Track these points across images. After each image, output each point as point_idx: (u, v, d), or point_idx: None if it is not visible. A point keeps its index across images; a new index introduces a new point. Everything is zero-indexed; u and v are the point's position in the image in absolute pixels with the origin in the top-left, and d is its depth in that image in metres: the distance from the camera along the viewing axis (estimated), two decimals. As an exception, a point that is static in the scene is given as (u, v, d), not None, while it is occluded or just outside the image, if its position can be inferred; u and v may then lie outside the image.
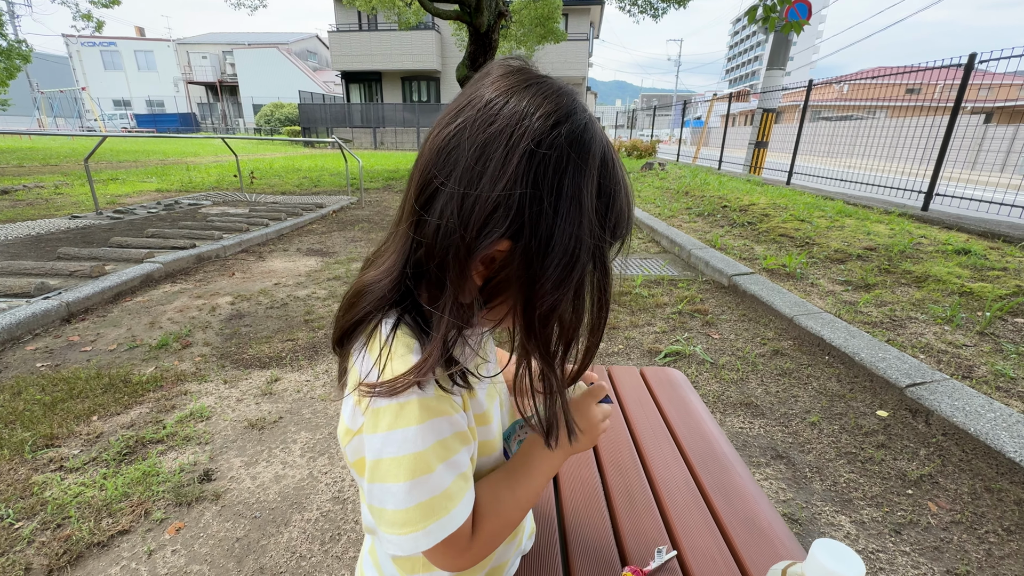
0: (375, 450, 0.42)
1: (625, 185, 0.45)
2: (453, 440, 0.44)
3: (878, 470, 1.58)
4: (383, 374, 0.41)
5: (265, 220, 5.24)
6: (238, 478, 1.55)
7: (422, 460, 0.41)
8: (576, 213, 0.40)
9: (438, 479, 0.42)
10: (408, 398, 0.41)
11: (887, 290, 2.94)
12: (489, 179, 0.38)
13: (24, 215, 5.36)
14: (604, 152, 0.42)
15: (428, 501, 0.42)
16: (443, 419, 0.43)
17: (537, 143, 0.38)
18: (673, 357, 2.35)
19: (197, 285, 3.34)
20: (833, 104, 18.73)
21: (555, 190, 0.39)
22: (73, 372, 2.13)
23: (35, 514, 1.37)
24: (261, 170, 10.44)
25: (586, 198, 0.40)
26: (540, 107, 0.39)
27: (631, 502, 0.81)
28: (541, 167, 0.38)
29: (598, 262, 0.43)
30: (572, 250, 0.40)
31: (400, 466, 0.41)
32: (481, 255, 0.40)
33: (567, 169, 0.39)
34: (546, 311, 0.42)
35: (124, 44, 36.05)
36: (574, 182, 0.39)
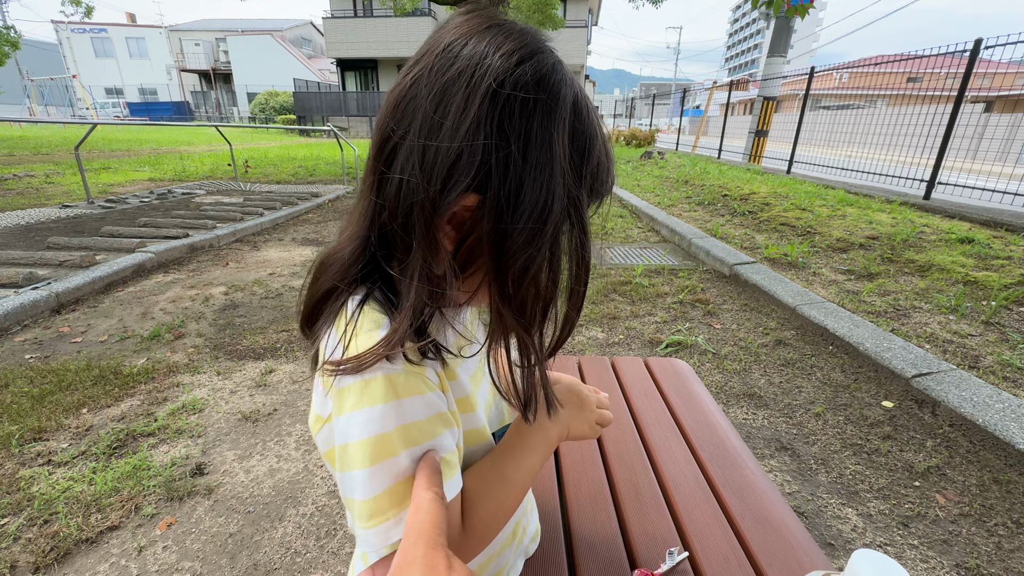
0: (341, 434, 0.38)
1: (603, 137, 0.41)
2: (431, 422, 0.40)
3: (884, 462, 1.55)
4: (347, 351, 0.37)
5: (260, 209, 5.17)
6: (231, 472, 1.51)
7: (388, 442, 0.37)
8: (547, 161, 0.36)
9: (409, 463, 0.38)
10: (374, 374, 0.37)
11: (890, 279, 2.90)
12: (450, 126, 0.34)
13: (14, 204, 5.26)
14: (576, 96, 0.38)
15: (397, 486, 0.37)
16: (415, 398, 0.39)
17: (500, 83, 0.34)
18: (675, 347, 2.31)
19: (190, 275, 3.28)
20: (833, 93, 18.59)
21: (523, 135, 0.35)
22: (62, 364, 2.08)
23: (22, 510, 1.33)
24: (256, 159, 10.30)
25: (557, 145, 0.36)
26: (502, 46, 0.36)
27: (639, 500, 0.77)
28: (506, 109, 0.34)
29: (575, 218, 0.39)
30: (544, 201, 0.36)
31: (364, 450, 0.37)
32: (448, 214, 0.36)
33: (535, 111, 0.35)
34: (519, 270, 0.37)
35: (115, 31, 35.41)
36: (543, 126, 0.35)
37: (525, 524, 0.64)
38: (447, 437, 0.41)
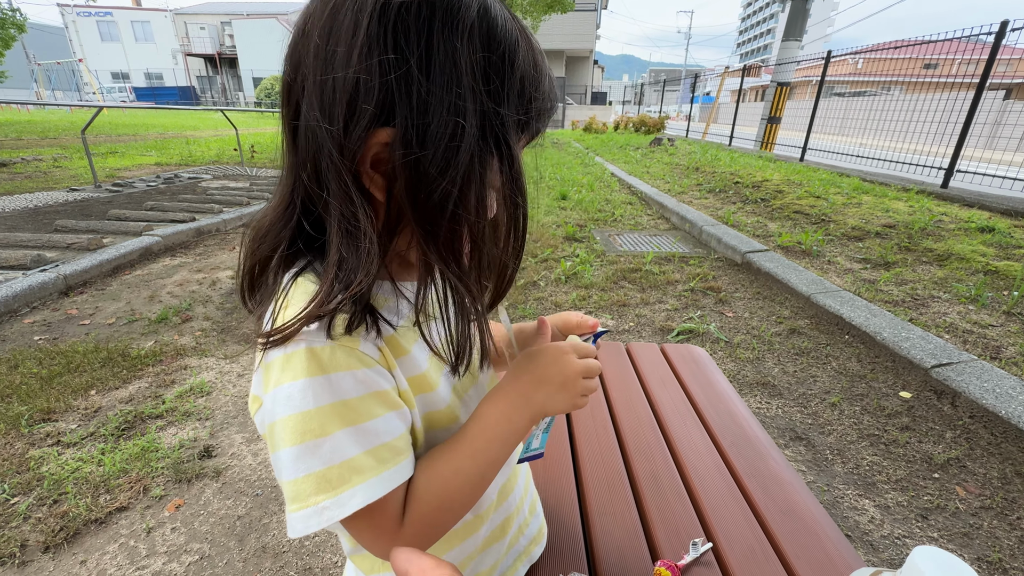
0: (269, 412, 0.35)
1: (529, 48, 0.36)
2: (365, 402, 0.36)
3: (902, 453, 1.52)
4: (275, 323, 0.34)
5: (266, 194, 5.14)
6: (239, 455, 1.50)
7: (312, 421, 0.34)
8: (452, 76, 0.32)
9: (336, 445, 0.35)
10: (296, 347, 0.34)
11: (908, 268, 2.84)
12: (343, 52, 0.31)
13: (22, 188, 5.27)
14: (483, 15, 0.33)
15: (323, 472, 0.34)
16: (344, 374, 0.35)
17: (381, 8, 0.31)
18: (686, 335, 2.27)
19: (197, 259, 3.27)
20: (847, 79, 18.19)
21: (423, 50, 0.31)
22: (71, 346, 2.08)
23: (31, 490, 1.33)
24: (262, 144, 10.25)
25: (463, 58, 0.32)
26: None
27: (659, 490, 0.74)
28: (399, 23, 0.31)
29: (497, 143, 0.35)
30: (454, 123, 0.32)
31: (287, 427, 0.34)
32: (367, 157, 0.33)
33: (432, 21, 0.31)
34: (436, 204, 0.34)
35: (120, 14, 35.21)
36: (445, 38, 0.32)
37: (521, 524, 0.58)
38: (391, 419, 0.37)
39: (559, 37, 20.29)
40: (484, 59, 0.33)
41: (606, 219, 4.37)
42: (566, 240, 3.70)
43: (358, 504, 0.34)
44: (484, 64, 0.33)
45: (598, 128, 14.94)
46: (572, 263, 3.12)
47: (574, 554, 0.64)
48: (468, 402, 0.48)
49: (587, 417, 0.91)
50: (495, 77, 0.34)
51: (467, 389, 0.48)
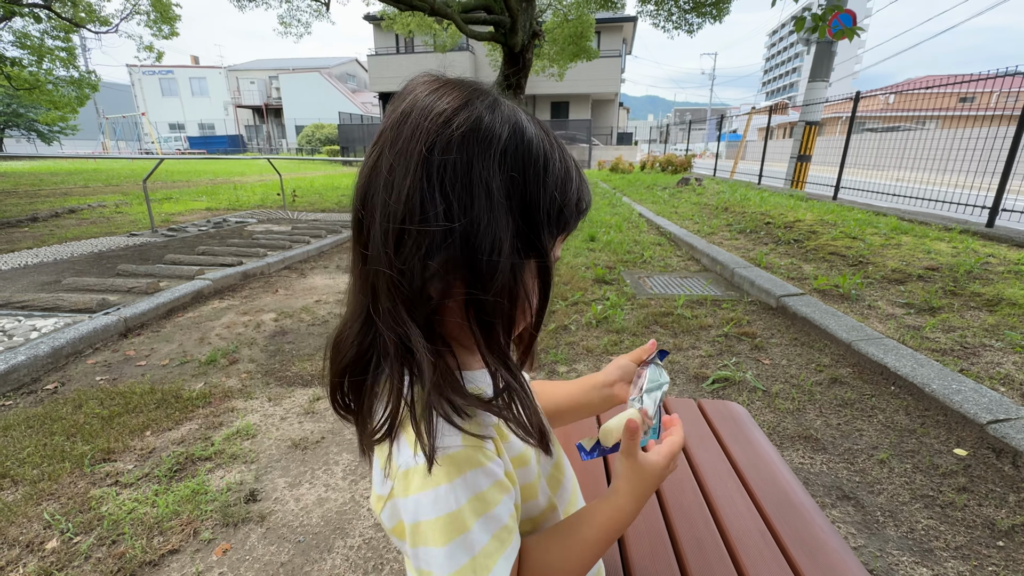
0: (410, 513, 0.40)
1: (560, 157, 0.42)
2: (491, 492, 0.41)
3: (961, 517, 1.43)
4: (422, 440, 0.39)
5: (307, 238, 5.41)
6: (282, 499, 1.55)
7: (458, 520, 0.39)
8: (487, 207, 0.37)
9: (476, 537, 0.39)
10: (436, 452, 0.39)
11: (955, 314, 2.73)
12: (395, 197, 0.37)
13: (88, 233, 5.72)
14: (514, 138, 0.39)
15: (470, 563, 0.39)
16: (477, 471, 0.40)
17: (430, 147, 0.37)
18: (722, 383, 2.24)
19: (243, 301, 3.45)
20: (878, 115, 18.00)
21: (464, 186, 0.37)
22: (129, 386, 2.21)
23: (92, 529, 1.40)
24: (303, 188, 10.84)
25: (496, 189, 0.38)
26: (436, 107, 0.38)
27: (703, 556, 0.74)
28: (444, 168, 0.37)
29: (530, 246, 0.41)
30: (493, 246, 0.38)
31: (436, 529, 0.39)
32: (429, 276, 0.38)
33: (471, 163, 0.37)
34: (488, 308, 0.40)
35: (180, 72, 38.59)
36: (479, 175, 0.37)
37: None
38: (507, 503, 0.42)
39: (585, 82, 21.00)
40: (516, 179, 0.39)
41: (635, 260, 4.40)
42: (596, 282, 3.73)
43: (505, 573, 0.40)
44: (517, 182, 0.39)
45: (624, 168, 15.16)
46: (603, 307, 3.14)
47: (620, 623, 0.64)
48: (544, 467, 0.54)
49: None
50: (528, 191, 0.40)
51: (541, 459, 0.55)
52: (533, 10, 9.95)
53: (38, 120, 23.36)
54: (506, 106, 0.40)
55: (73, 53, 14.69)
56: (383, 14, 13.11)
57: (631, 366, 0.65)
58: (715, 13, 11.07)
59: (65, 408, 2.03)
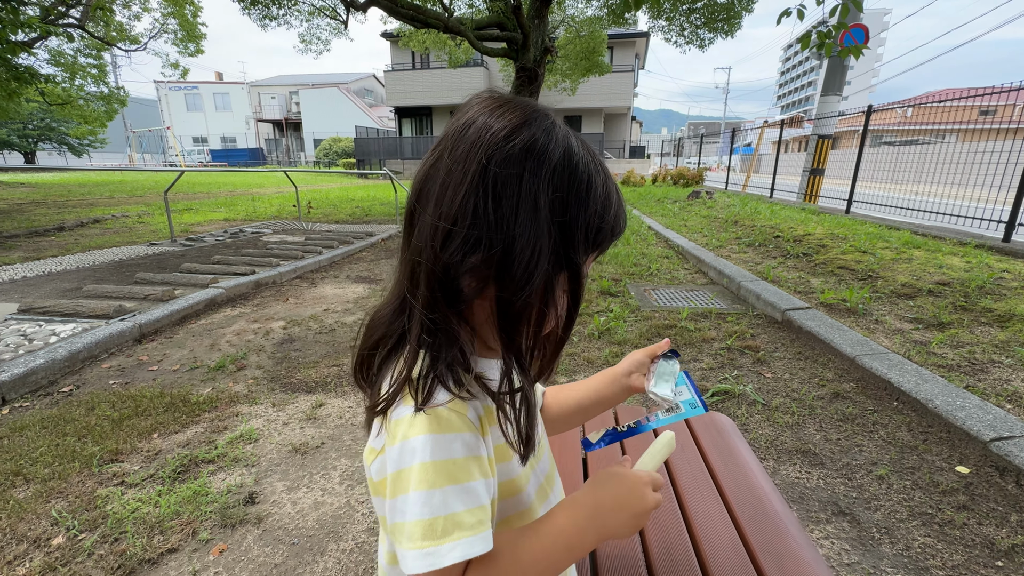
0: (394, 461, 0.42)
1: (603, 182, 0.45)
2: (467, 463, 0.42)
3: (959, 535, 1.41)
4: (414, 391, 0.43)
5: (319, 248, 5.52)
6: (280, 502, 1.58)
7: (428, 471, 0.40)
8: (532, 219, 0.41)
9: (444, 499, 0.40)
10: (421, 411, 0.42)
11: (964, 330, 2.68)
12: (450, 196, 0.41)
13: (111, 242, 5.92)
14: (565, 160, 0.42)
15: (431, 520, 0.40)
16: (454, 435, 0.42)
17: (489, 158, 0.40)
18: (721, 396, 2.23)
19: (254, 309, 3.53)
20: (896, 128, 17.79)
21: (514, 198, 0.40)
22: (140, 390, 2.28)
23: (96, 527, 1.45)
24: (318, 200, 11.07)
25: (543, 205, 0.41)
26: (497, 123, 0.42)
27: (672, 562, 0.75)
28: (497, 179, 0.40)
29: (566, 260, 0.44)
30: (532, 255, 0.41)
31: (412, 475, 0.41)
32: (465, 271, 0.42)
33: (523, 177, 0.41)
34: (517, 308, 0.43)
35: (205, 87, 39.90)
36: (529, 190, 0.41)
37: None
38: (484, 486, 0.43)
39: (598, 96, 21.17)
40: (562, 198, 0.43)
41: (642, 273, 4.40)
42: (601, 294, 3.74)
43: (456, 558, 0.39)
44: (562, 201, 0.43)
45: (636, 181, 15.19)
46: (606, 319, 3.15)
47: (583, 623, 0.66)
48: (536, 476, 0.56)
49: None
50: (571, 210, 0.43)
51: (538, 460, 0.57)
52: (545, 27, 10.12)
53: (69, 134, 24.30)
54: (560, 129, 0.44)
55: (104, 70, 15.31)
56: (400, 31, 13.45)
57: (645, 360, 0.68)
58: (727, 28, 11.12)
59: (78, 410, 2.10)
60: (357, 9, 9.99)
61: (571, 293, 0.46)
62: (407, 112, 24.07)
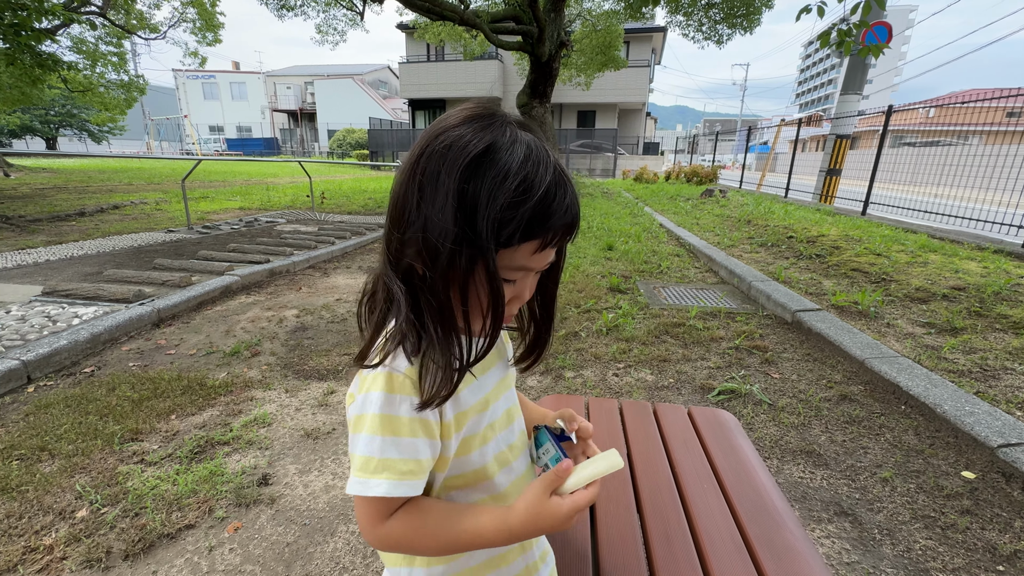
0: (358, 406, 0.51)
1: (519, 189, 0.45)
2: (411, 423, 0.49)
3: (962, 539, 1.41)
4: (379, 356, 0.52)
5: (332, 239, 5.59)
6: (292, 484, 1.64)
7: (375, 421, 0.49)
8: (442, 207, 0.45)
9: (382, 446, 0.49)
10: (382, 370, 0.50)
11: (978, 335, 2.66)
12: (396, 183, 0.50)
13: (129, 228, 6.04)
14: (484, 155, 0.45)
15: (366, 458, 0.49)
16: (404, 398, 0.49)
17: (419, 156, 0.47)
18: (727, 395, 2.24)
19: (268, 297, 3.60)
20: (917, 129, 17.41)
21: (430, 187, 0.46)
22: (158, 373, 2.35)
23: (118, 502, 1.51)
24: (331, 191, 11.16)
25: (450, 195, 0.45)
26: (436, 126, 0.49)
27: (671, 550, 0.78)
28: (421, 174, 0.47)
29: (471, 251, 0.46)
30: (438, 238, 0.46)
31: (364, 421, 0.49)
32: (405, 248, 0.49)
33: (439, 172, 0.46)
34: (433, 287, 0.49)
35: (222, 77, 40.20)
36: (443, 182, 0.46)
37: (531, 567, 0.65)
38: (425, 445, 0.51)
39: (612, 92, 20.99)
40: (470, 190, 0.45)
41: (652, 271, 4.39)
42: (610, 291, 3.75)
43: (379, 492, 0.48)
44: (471, 193, 0.45)
45: (649, 178, 15.07)
46: (614, 315, 3.16)
47: (583, 604, 0.69)
48: (498, 440, 0.61)
49: (608, 475, 0.96)
50: (478, 201, 0.45)
51: (503, 429, 0.62)
52: (561, 20, 10.05)
53: (90, 121, 24.66)
54: (498, 129, 0.47)
55: (124, 58, 15.51)
56: (415, 23, 13.45)
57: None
58: (746, 24, 10.95)
59: (100, 390, 2.17)
60: (373, 1, 10.00)
61: (488, 284, 0.48)
62: (421, 104, 24.08)
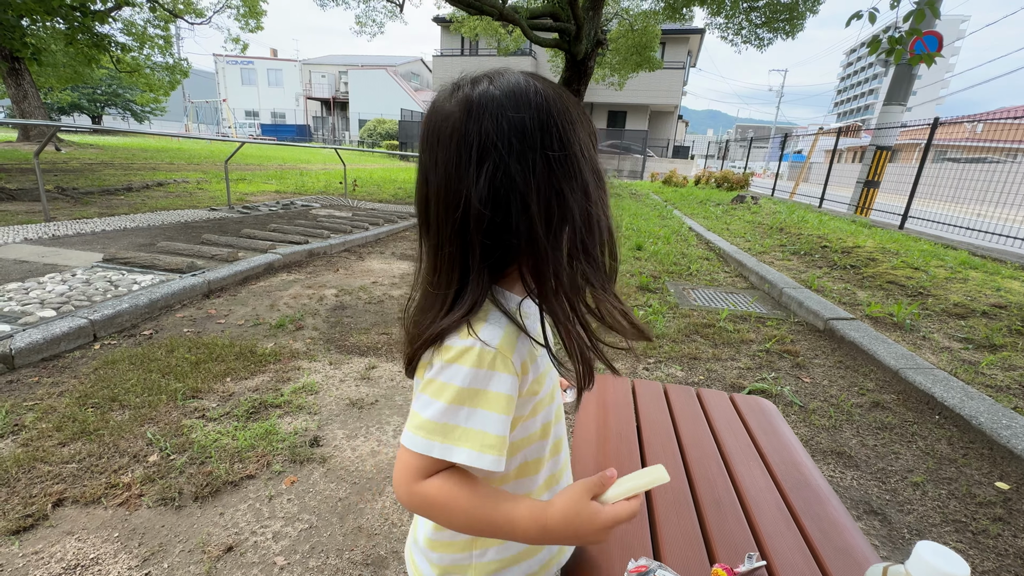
0: (435, 371, 0.50)
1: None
2: (501, 398, 0.49)
3: (993, 545, 1.43)
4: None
5: (366, 224, 5.74)
6: (341, 447, 1.74)
7: (465, 394, 0.48)
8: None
9: (471, 414, 0.48)
10: (474, 344, 0.49)
11: (1018, 353, 2.62)
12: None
13: (175, 205, 6.30)
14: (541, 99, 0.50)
15: (450, 426, 0.48)
16: (497, 374, 0.49)
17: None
18: (758, 394, 2.27)
19: (308, 276, 3.75)
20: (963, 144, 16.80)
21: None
22: (212, 339, 2.50)
23: (185, 450, 1.64)
24: (362, 179, 11.38)
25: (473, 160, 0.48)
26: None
27: (720, 512, 0.84)
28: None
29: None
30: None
31: (447, 391, 0.49)
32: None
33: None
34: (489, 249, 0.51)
35: (260, 63, 41.13)
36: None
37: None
38: (506, 421, 0.50)
39: (645, 93, 20.81)
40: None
41: (681, 272, 4.41)
42: (639, 290, 3.78)
43: (461, 459, 0.48)
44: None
45: (678, 181, 14.92)
46: (644, 312, 3.20)
47: (643, 550, 0.76)
48: (547, 411, 0.63)
49: (657, 446, 1.03)
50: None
51: (551, 401, 0.64)
52: (599, 19, 10.03)
53: (134, 101, 25.56)
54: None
55: (170, 41, 16.08)
56: (452, 17, 13.56)
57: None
58: (788, 28, 10.75)
59: (159, 351, 2.32)
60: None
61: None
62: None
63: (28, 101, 11.97)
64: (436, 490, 0.50)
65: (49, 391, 1.92)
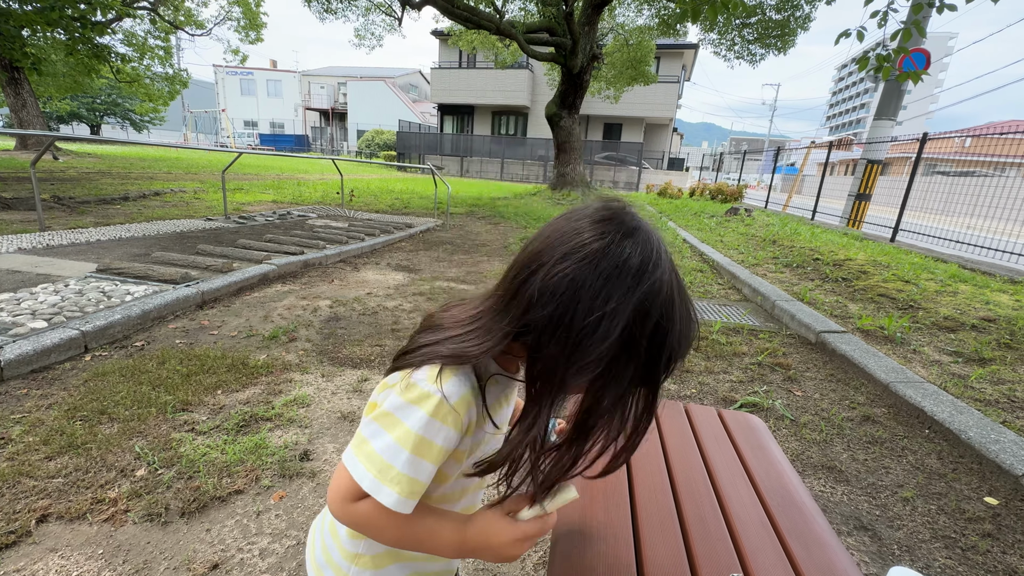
0: (393, 405, 0.53)
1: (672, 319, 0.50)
2: (441, 452, 0.53)
3: (982, 561, 1.43)
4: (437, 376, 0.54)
5: (361, 235, 5.75)
6: (331, 462, 1.73)
7: (410, 438, 0.51)
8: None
9: (409, 460, 0.51)
10: (437, 394, 0.52)
11: (1007, 367, 2.64)
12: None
13: (171, 214, 6.30)
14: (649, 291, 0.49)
15: (387, 465, 0.51)
16: (445, 428, 0.52)
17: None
18: (749, 408, 2.27)
19: (302, 287, 3.75)
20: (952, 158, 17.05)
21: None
22: (204, 351, 2.49)
23: (173, 464, 1.63)
24: (359, 189, 11.42)
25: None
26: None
27: (705, 529, 0.85)
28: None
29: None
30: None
31: (400, 430, 0.51)
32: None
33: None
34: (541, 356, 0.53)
35: (259, 74, 41.45)
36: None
37: None
38: (432, 469, 0.53)
39: (640, 106, 21.05)
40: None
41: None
42: (633, 302, 3.79)
43: (384, 500, 0.51)
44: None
45: (673, 193, 15.04)
46: (638, 325, 3.21)
47: (627, 568, 0.76)
48: (461, 482, 0.65)
49: (643, 460, 1.03)
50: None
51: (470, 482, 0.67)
52: (595, 34, 10.19)
53: (133, 110, 25.68)
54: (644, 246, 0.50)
55: (170, 52, 16.20)
56: (450, 30, 13.74)
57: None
58: (780, 44, 10.95)
59: (151, 363, 2.31)
60: (412, 7, 10.27)
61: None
62: (450, 109, 24.46)
63: (27, 110, 12.00)
64: (367, 513, 0.54)
65: (37, 403, 1.91)
